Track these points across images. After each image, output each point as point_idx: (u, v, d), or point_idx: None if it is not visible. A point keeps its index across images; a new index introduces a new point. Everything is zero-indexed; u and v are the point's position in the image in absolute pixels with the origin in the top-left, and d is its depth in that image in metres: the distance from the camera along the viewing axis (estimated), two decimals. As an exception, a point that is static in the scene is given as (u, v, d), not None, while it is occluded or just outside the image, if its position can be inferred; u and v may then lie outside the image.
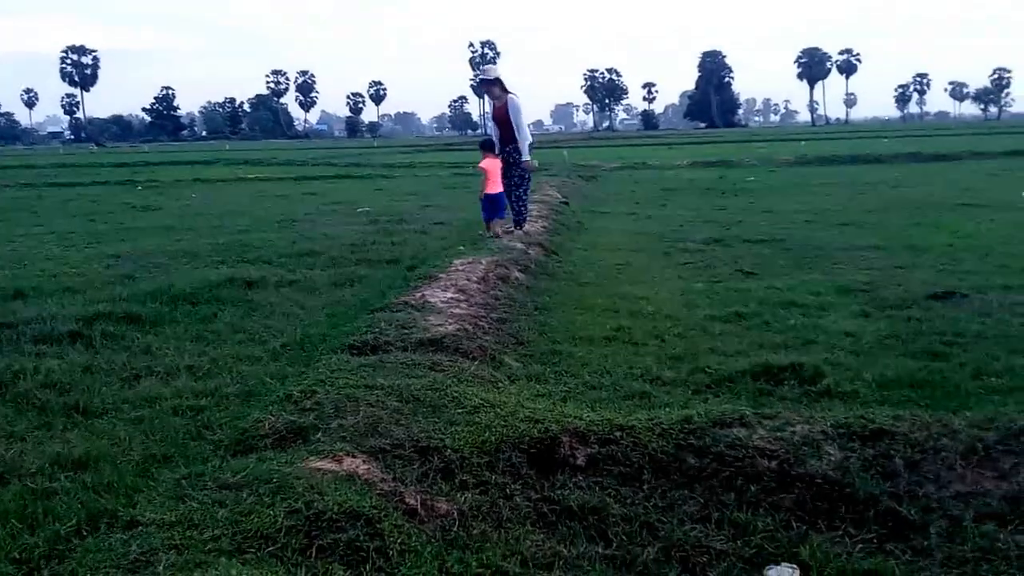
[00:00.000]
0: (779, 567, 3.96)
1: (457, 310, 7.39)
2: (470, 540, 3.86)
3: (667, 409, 5.18)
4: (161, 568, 3.03)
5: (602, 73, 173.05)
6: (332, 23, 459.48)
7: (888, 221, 14.99)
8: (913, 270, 10.12)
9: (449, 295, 7.84)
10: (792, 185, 24.34)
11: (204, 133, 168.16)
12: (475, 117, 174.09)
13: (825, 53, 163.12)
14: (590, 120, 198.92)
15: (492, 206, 12.10)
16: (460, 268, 9.14)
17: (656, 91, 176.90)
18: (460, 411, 4.82)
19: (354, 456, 4.15)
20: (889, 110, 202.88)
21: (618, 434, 4.67)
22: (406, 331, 6.56)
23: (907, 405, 5.47)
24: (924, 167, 30.50)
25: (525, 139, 12.01)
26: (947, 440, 4.54)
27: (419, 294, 7.81)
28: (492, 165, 11.82)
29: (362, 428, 4.48)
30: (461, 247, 11.06)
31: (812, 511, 4.28)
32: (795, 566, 3.95)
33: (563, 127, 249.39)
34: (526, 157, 11.98)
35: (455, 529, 3.91)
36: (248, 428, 4.55)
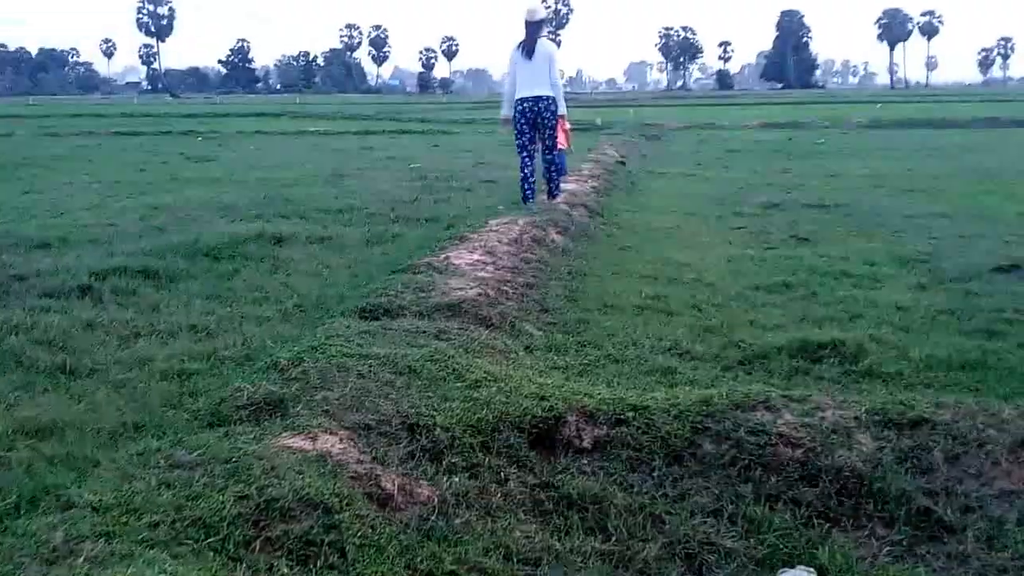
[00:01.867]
0: (794, 570, 3.57)
1: (482, 273, 7.03)
2: (449, 531, 3.52)
3: (688, 388, 4.79)
4: (81, 560, 2.73)
5: (677, 31, 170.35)
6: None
7: (958, 188, 14.27)
8: (979, 240, 9.51)
9: (476, 257, 7.48)
10: (863, 148, 23.47)
11: (278, 86, 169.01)
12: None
13: (906, 14, 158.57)
14: (664, 79, 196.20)
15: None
16: (494, 229, 8.78)
17: (732, 50, 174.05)
18: (459, 385, 4.47)
19: (332, 433, 3.82)
20: (971, 74, 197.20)
21: (630, 414, 4.29)
22: (423, 294, 6.23)
23: (954, 389, 5.01)
24: (1003, 132, 29.30)
25: (560, 90, 10.85)
26: (994, 431, 4.10)
27: (444, 255, 7.46)
28: None
29: (347, 401, 4.15)
30: (500, 206, 10.67)
31: (837, 508, 3.89)
32: (812, 569, 3.56)
33: (636, 85, 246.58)
34: (563, 111, 10.94)
35: (434, 518, 3.57)
36: (226, 398, 4.24)
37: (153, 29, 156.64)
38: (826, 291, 7.39)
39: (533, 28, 10.56)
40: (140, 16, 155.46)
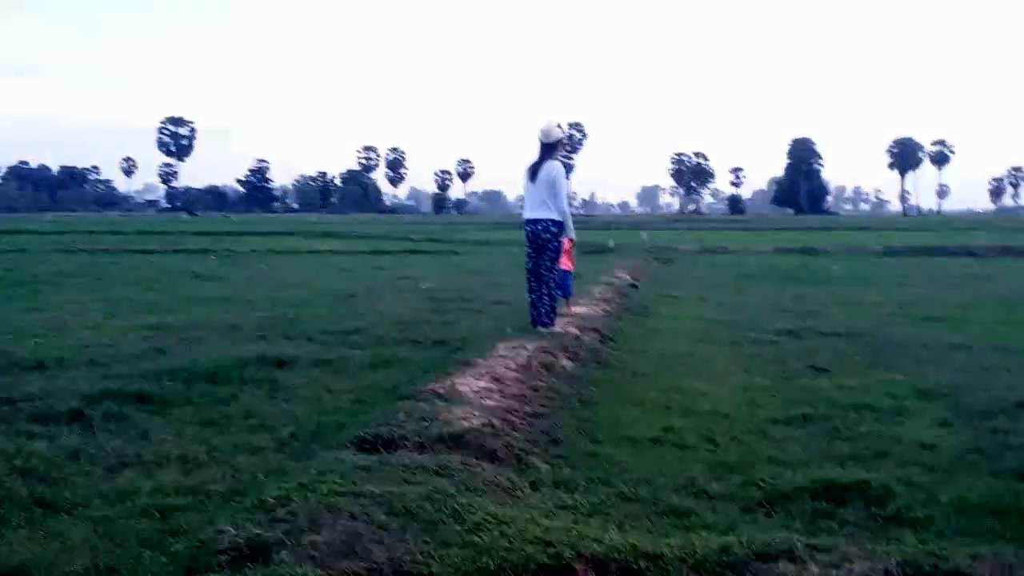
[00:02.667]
0: None
1: (489, 401, 6.75)
2: None
3: (706, 533, 4.46)
4: None
5: (689, 156, 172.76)
6: (424, 101, 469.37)
7: (977, 318, 14.00)
8: (1002, 373, 9.20)
9: (482, 384, 7.21)
10: (877, 275, 23.33)
11: (296, 205, 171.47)
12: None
13: (917, 143, 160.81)
14: (676, 203, 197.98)
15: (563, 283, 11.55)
16: (502, 354, 8.52)
17: (743, 176, 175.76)
18: (458, 528, 4.15)
19: (317, 583, 3.51)
20: (982, 202, 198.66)
21: (643, 564, 3.96)
22: (426, 424, 5.94)
23: (988, 537, 4.67)
24: (1018, 262, 29.17)
25: (567, 213, 10.46)
26: (1036, 588, 3.75)
27: (449, 382, 7.18)
28: None
29: (337, 547, 3.83)
30: (509, 329, 10.44)
31: (869, 674, 3.53)
32: None
33: (649, 209, 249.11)
34: (571, 234, 10.67)
35: None
36: (207, 540, 3.93)
37: (173, 149, 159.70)
38: (848, 426, 7.07)
39: (546, 149, 10.35)
40: (161, 136, 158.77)
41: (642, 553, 4.02)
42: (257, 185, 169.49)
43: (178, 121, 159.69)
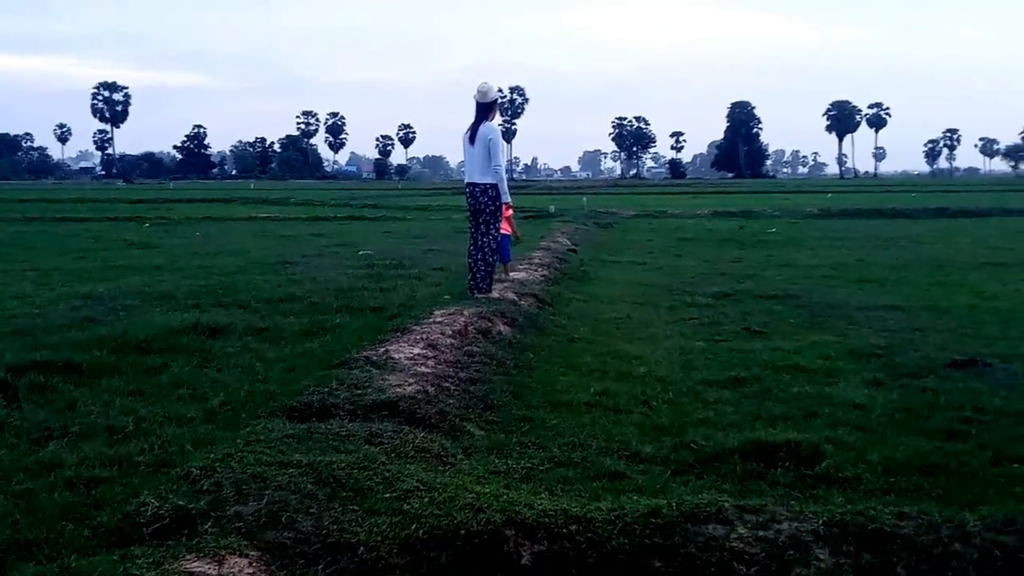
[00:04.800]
0: None
1: (423, 368, 6.70)
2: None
3: (637, 496, 4.48)
4: None
5: (630, 121, 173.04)
6: (363, 66, 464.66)
7: (910, 279, 14.22)
8: (932, 333, 9.36)
9: (417, 350, 7.15)
10: (814, 238, 23.60)
11: (234, 172, 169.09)
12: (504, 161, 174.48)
13: (855, 106, 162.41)
14: (618, 167, 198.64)
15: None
16: (439, 320, 8.46)
17: (684, 140, 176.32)
18: (388, 496, 4.11)
19: (242, 554, 3.46)
20: (919, 164, 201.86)
21: (573, 528, 3.96)
22: (359, 392, 5.89)
23: (916, 496, 4.75)
24: (950, 223, 29.67)
25: (502, 177, 10.38)
26: (959, 545, 3.82)
27: (383, 349, 7.13)
28: None
29: (263, 517, 3.78)
30: (447, 296, 10.39)
31: (794, 631, 3.56)
32: None
33: (590, 173, 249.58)
34: (507, 198, 10.50)
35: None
36: (131, 513, 3.86)
37: (108, 115, 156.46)
38: (780, 387, 7.14)
39: (483, 110, 10.26)
40: (95, 102, 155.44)
41: (572, 517, 4.02)
42: (194, 151, 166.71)
43: (112, 86, 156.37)
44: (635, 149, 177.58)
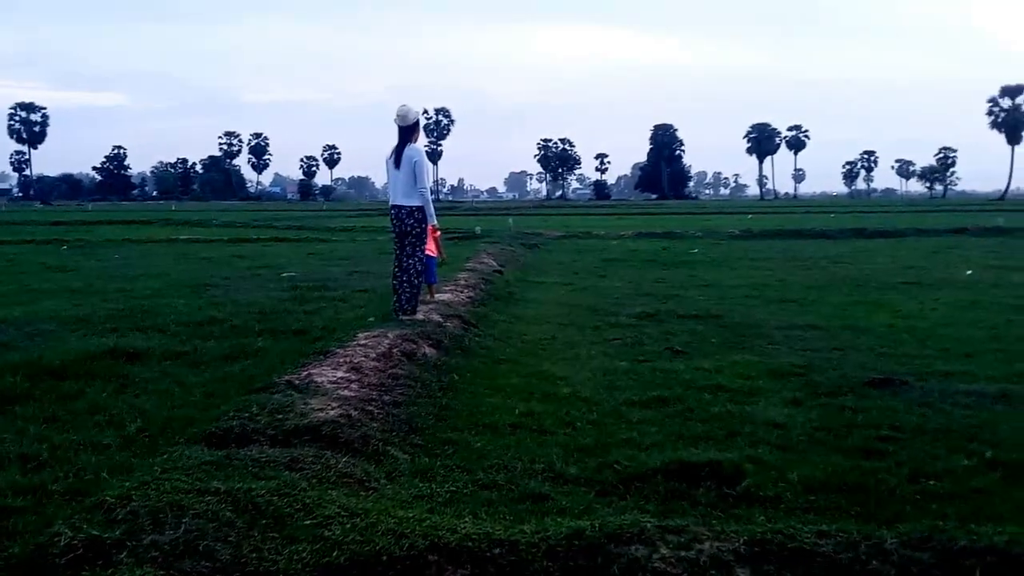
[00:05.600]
0: None
1: (346, 391, 6.64)
2: None
3: (561, 517, 4.48)
4: None
5: (555, 143, 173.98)
6: (287, 86, 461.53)
7: (829, 298, 14.48)
8: (851, 352, 9.54)
9: (340, 374, 7.09)
10: (735, 258, 23.93)
11: (155, 193, 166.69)
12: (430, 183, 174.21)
13: (774, 129, 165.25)
14: (544, 189, 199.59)
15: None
16: (363, 342, 8.40)
17: (609, 162, 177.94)
18: (308, 523, 4.05)
19: (157, 585, 3.37)
20: (837, 186, 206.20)
21: (497, 551, 3.93)
22: (280, 417, 5.81)
23: (835, 514, 4.83)
24: (868, 243, 30.32)
25: (428, 199, 10.34)
26: (878, 563, 3.86)
27: (306, 372, 7.05)
28: None
29: (180, 546, 3.70)
30: (372, 318, 10.32)
31: (716, 653, 3.58)
32: None
33: (517, 195, 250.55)
34: (433, 220, 10.51)
35: None
36: (43, 544, 3.74)
37: (25, 136, 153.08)
38: (702, 406, 7.21)
39: (405, 133, 10.21)
40: (12, 123, 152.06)
41: (496, 541, 3.99)
42: (114, 172, 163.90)
43: (30, 107, 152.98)
44: (561, 171, 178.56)
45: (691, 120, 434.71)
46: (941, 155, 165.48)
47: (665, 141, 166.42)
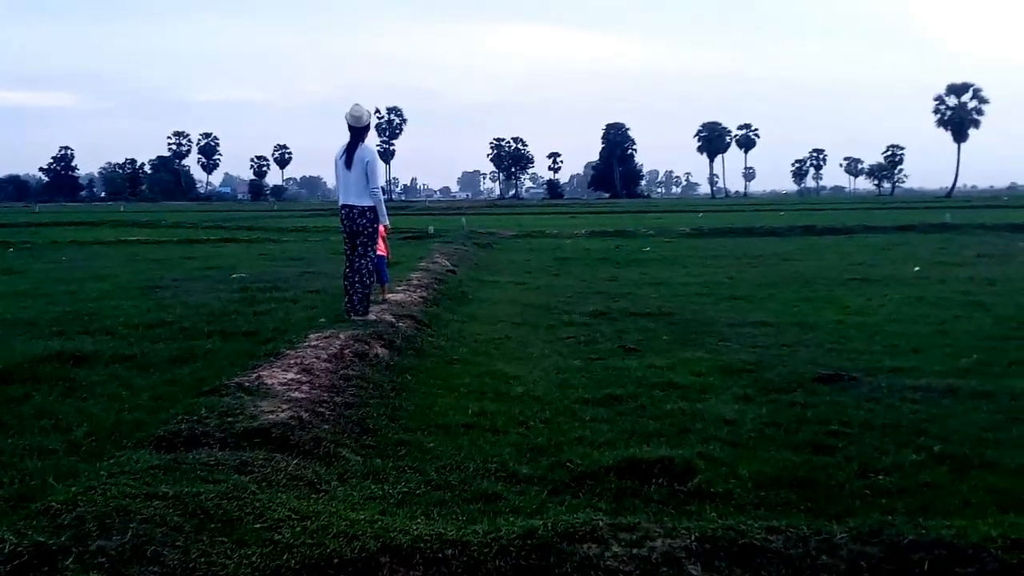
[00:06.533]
0: None
1: (297, 393, 6.58)
2: None
3: (514, 517, 4.47)
4: None
5: (508, 142, 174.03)
6: (237, 86, 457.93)
7: (779, 295, 14.62)
8: (800, 349, 9.64)
9: (291, 375, 7.03)
10: (686, 256, 24.09)
11: (103, 194, 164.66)
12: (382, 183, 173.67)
13: (725, 127, 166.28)
14: (497, 188, 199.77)
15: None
16: (314, 343, 8.34)
17: (562, 161, 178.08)
18: (258, 526, 4.02)
19: (104, 592, 3.32)
20: (787, 184, 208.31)
21: (450, 552, 3.92)
22: (229, 419, 5.75)
23: (786, 509, 4.88)
24: (817, 240, 30.66)
25: (380, 199, 10.25)
26: (827, 557, 3.90)
27: (256, 375, 6.98)
28: None
29: (127, 552, 3.65)
30: (323, 319, 10.26)
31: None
32: None
33: (470, 194, 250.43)
34: (385, 220, 10.43)
35: None
36: (-13, 551, 3.67)
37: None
38: (654, 404, 7.25)
39: (357, 133, 10.12)
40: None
41: (448, 541, 3.98)
42: (62, 173, 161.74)
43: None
44: (514, 170, 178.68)
45: (643, 119, 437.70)
46: (889, 153, 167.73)
47: (617, 140, 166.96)
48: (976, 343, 9.81)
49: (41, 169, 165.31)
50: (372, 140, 10.52)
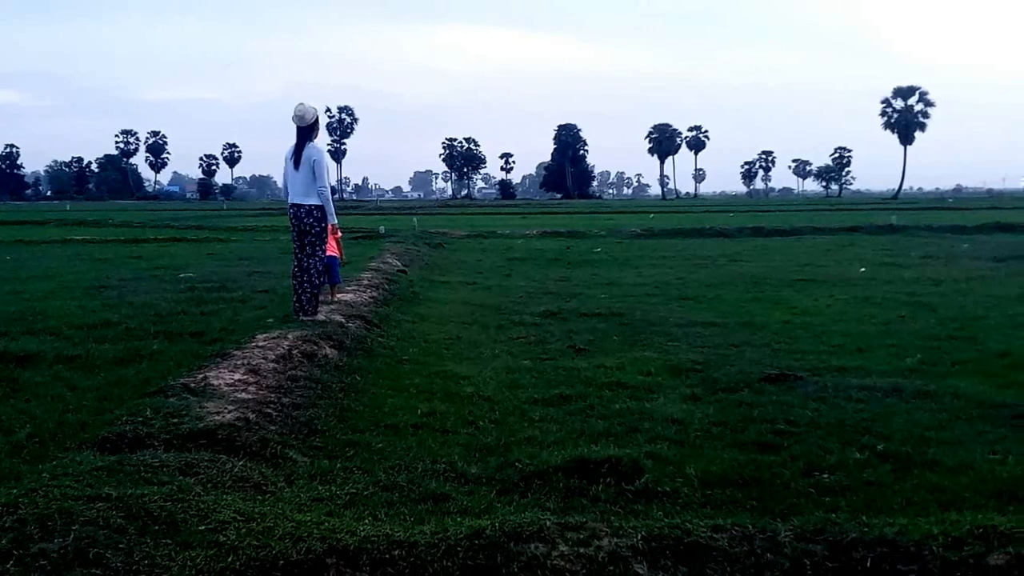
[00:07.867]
0: None
1: (243, 394, 6.53)
2: None
3: (461, 517, 4.47)
4: None
5: (460, 142, 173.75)
6: (186, 85, 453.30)
7: (727, 296, 14.76)
8: (748, 349, 9.73)
9: (237, 376, 6.97)
10: (637, 257, 24.22)
11: (49, 193, 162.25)
12: (332, 182, 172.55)
13: (675, 129, 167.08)
14: (449, 188, 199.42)
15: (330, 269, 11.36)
16: (261, 344, 8.28)
17: (514, 161, 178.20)
18: (203, 528, 3.98)
19: (44, 596, 3.27)
20: (736, 185, 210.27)
21: (397, 553, 3.91)
22: (175, 421, 5.69)
23: (732, 508, 4.92)
24: (766, 241, 30.98)
25: (328, 198, 10.18)
26: (772, 555, 3.94)
27: (202, 375, 6.91)
28: None
29: (70, 554, 3.59)
30: (271, 319, 10.18)
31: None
32: None
33: (422, 194, 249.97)
34: (333, 220, 10.32)
35: None
36: (-79, 557, 3.61)
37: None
38: (603, 403, 7.28)
39: (304, 132, 10.06)
40: None
41: (396, 542, 3.97)
42: (6, 171, 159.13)
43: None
44: (466, 170, 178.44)
45: (595, 120, 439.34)
46: (837, 155, 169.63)
47: (569, 141, 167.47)
48: (920, 343, 9.96)
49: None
50: (322, 139, 10.46)
